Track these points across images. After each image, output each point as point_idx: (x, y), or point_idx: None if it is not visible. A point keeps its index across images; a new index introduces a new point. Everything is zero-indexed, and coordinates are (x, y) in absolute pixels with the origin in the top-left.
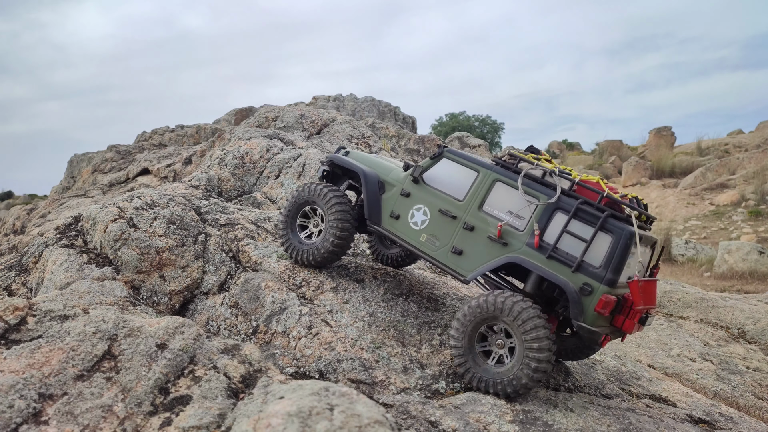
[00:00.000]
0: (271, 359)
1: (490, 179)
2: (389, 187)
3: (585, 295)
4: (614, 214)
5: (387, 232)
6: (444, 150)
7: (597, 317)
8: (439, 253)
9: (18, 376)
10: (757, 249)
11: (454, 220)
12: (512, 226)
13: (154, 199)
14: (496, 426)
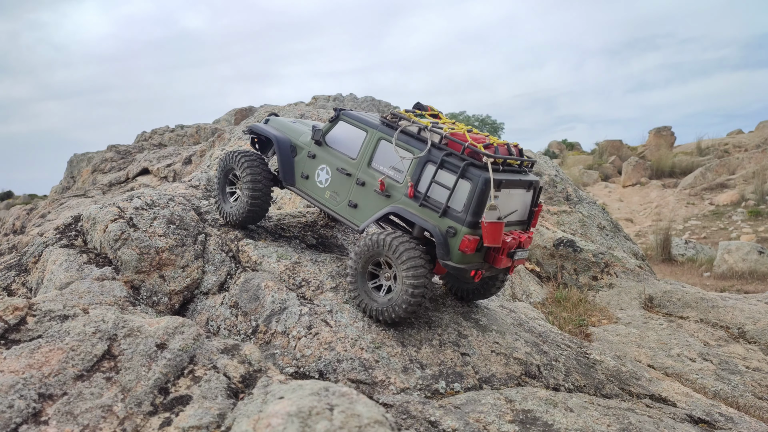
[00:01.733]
0: (271, 359)
1: (376, 138)
2: (300, 150)
3: (450, 237)
4: (474, 163)
5: (299, 192)
6: (340, 113)
7: (463, 255)
8: (340, 208)
9: (18, 376)
10: (756, 249)
11: (349, 177)
12: (393, 179)
13: (154, 199)
14: (496, 426)
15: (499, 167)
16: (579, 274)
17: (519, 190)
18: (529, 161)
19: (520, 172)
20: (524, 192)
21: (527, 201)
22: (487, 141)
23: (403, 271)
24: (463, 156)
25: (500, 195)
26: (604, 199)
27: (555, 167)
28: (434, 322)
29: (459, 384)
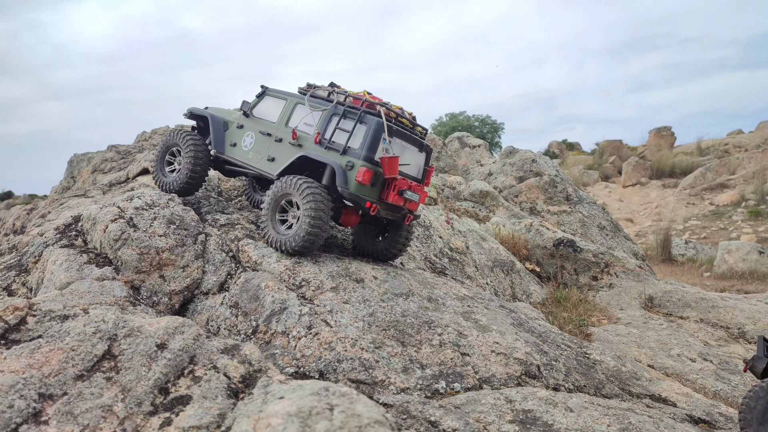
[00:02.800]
0: (271, 359)
1: (293, 103)
2: (230, 125)
3: (349, 170)
4: (369, 111)
5: (228, 157)
6: (266, 89)
7: (359, 186)
8: (260, 164)
9: (18, 376)
10: (757, 249)
11: (269, 137)
12: (304, 132)
13: (154, 199)
14: (496, 426)
15: (392, 120)
16: (579, 274)
17: (411, 146)
18: (421, 128)
19: (413, 133)
20: (417, 151)
21: (420, 161)
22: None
23: (304, 208)
24: (361, 108)
25: (393, 142)
26: (604, 199)
27: (555, 167)
28: (434, 322)
29: (459, 384)
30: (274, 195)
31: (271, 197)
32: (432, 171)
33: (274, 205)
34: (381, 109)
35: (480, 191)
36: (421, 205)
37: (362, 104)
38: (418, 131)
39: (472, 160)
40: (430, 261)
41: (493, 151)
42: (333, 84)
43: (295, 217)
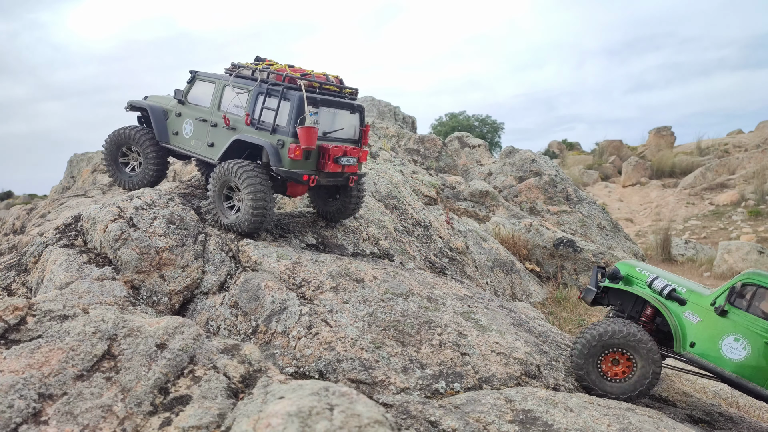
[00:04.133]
0: (271, 359)
1: (222, 86)
2: (170, 113)
3: (280, 148)
4: (291, 87)
5: (173, 146)
6: (196, 74)
7: (293, 162)
8: (202, 150)
9: (18, 376)
10: (756, 249)
11: (205, 123)
12: (235, 114)
13: (154, 199)
14: (496, 426)
15: (316, 90)
16: (579, 274)
17: (343, 111)
18: (350, 89)
19: (341, 97)
20: (349, 114)
21: (354, 122)
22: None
23: (244, 191)
24: (283, 84)
25: (321, 112)
26: (604, 199)
27: (555, 167)
28: (434, 322)
29: (459, 384)
30: (216, 182)
31: (214, 184)
32: (368, 130)
33: (219, 190)
34: (302, 82)
35: (480, 191)
36: (421, 205)
37: (284, 79)
38: (347, 93)
39: (472, 160)
40: (430, 261)
41: (493, 151)
42: (258, 58)
43: (239, 200)
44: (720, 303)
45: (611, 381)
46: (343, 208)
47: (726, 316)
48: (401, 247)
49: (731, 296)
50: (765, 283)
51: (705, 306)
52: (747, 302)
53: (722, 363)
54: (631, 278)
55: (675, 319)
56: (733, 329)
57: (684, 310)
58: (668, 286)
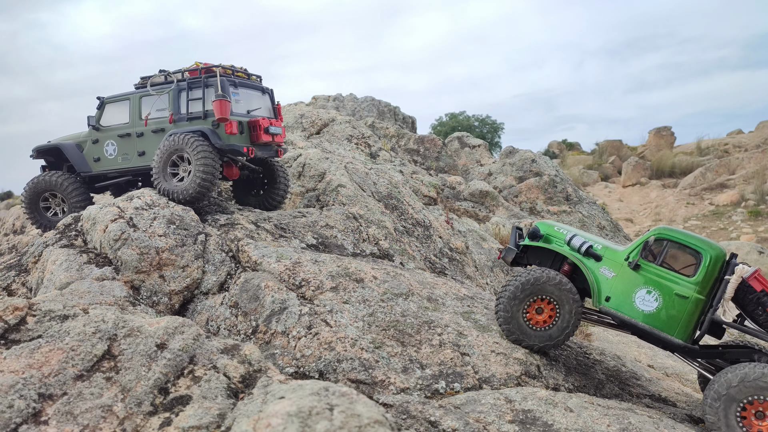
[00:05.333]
0: (271, 359)
1: (138, 98)
2: (85, 144)
3: (217, 128)
4: (210, 75)
5: (98, 172)
6: (104, 100)
7: (231, 137)
8: (133, 162)
9: (18, 376)
10: (756, 249)
11: (129, 136)
12: (160, 117)
13: (154, 199)
14: (496, 426)
15: (231, 76)
16: None
17: (255, 92)
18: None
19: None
20: (261, 94)
21: (267, 102)
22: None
23: (197, 162)
24: (201, 75)
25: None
26: (604, 199)
27: (555, 167)
28: (434, 322)
29: (459, 384)
30: (165, 150)
31: (163, 152)
32: (280, 107)
33: (167, 159)
34: (217, 69)
35: (480, 191)
36: (421, 205)
37: (200, 72)
38: (254, 79)
39: (472, 160)
40: (430, 261)
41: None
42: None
43: (186, 171)
44: (633, 258)
45: (536, 330)
46: (268, 198)
47: (639, 271)
48: (401, 247)
49: (644, 251)
50: (675, 237)
51: (619, 261)
52: (658, 256)
53: (635, 315)
54: (550, 237)
55: (591, 274)
56: (645, 282)
57: (600, 265)
58: (585, 243)
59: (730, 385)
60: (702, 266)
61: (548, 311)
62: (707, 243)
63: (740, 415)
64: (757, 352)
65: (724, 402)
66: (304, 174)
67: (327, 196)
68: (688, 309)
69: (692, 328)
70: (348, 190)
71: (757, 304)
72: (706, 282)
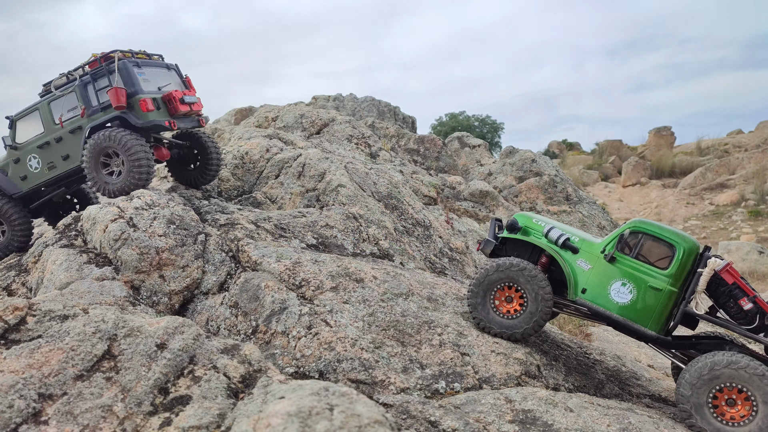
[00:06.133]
0: (271, 359)
1: (46, 105)
2: (8, 167)
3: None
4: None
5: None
6: (12, 118)
7: (149, 114)
8: (60, 167)
9: (18, 376)
10: (756, 249)
11: (49, 144)
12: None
13: (154, 199)
14: (496, 426)
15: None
16: None
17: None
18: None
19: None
20: (166, 71)
21: (175, 78)
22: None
23: (128, 157)
24: (102, 64)
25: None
26: (604, 199)
27: (555, 167)
28: (434, 322)
29: (459, 384)
30: (92, 151)
31: (90, 154)
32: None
33: (95, 159)
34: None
35: (480, 191)
36: (421, 205)
37: (100, 60)
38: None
39: (472, 160)
40: (430, 261)
41: (493, 151)
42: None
43: (118, 165)
44: (609, 250)
45: (504, 317)
46: (201, 174)
47: (614, 263)
48: (401, 247)
49: (619, 243)
50: (650, 230)
51: (596, 254)
52: (633, 249)
53: (610, 306)
54: (528, 229)
55: (568, 266)
56: (620, 275)
57: (577, 258)
58: (563, 235)
59: (702, 374)
60: (675, 259)
61: (517, 300)
62: (681, 236)
63: (712, 404)
64: (728, 342)
65: (695, 390)
66: (304, 174)
67: (327, 196)
68: (661, 301)
69: (665, 320)
70: (348, 190)
71: (729, 296)
72: (679, 274)
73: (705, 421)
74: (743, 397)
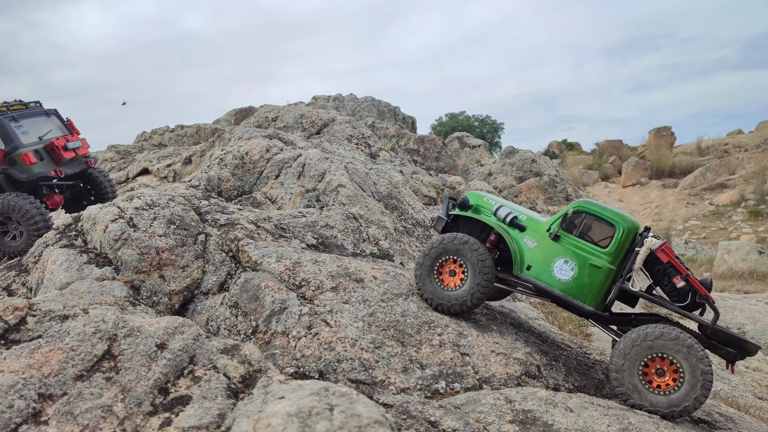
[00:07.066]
0: (271, 359)
1: None
2: None
3: (14, 165)
4: None
5: None
6: None
7: (33, 166)
8: None
9: (18, 376)
10: (756, 249)
11: None
12: None
13: (154, 199)
14: (496, 426)
15: (7, 112)
16: None
17: (39, 117)
18: (34, 103)
19: (30, 109)
20: (46, 118)
21: (56, 122)
22: None
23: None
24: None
25: (25, 124)
26: (604, 200)
27: (555, 167)
28: (434, 322)
29: (459, 384)
30: None
31: None
32: (72, 122)
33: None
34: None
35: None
36: (421, 205)
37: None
38: (33, 107)
39: (472, 160)
40: None
41: (493, 151)
42: None
43: (17, 229)
44: (554, 229)
45: (447, 290)
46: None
47: (558, 241)
48: (401, 247)
49: (564, 222)
50: (593, 210)
51: (541, 232)
52: (577, 228)
53: (553, 283)
54: (479, 207)
55: (515, 243)
56: (563, 252)
57: (524, 236)
58: (511, 213)
59: (634, 344)
60: (615, 238)
61: (460, 273)
62: (622, 216)
63: (642, 371)
64: (663, 319)
65: (627, 360)
66: (304, 174)
67: (327, 196)
68: (600, 278)
69: (603, 297)
70: (348, 190)
71: (664, 275)
72: (618, 253)
73: (634, 388)
74: (672, 369)
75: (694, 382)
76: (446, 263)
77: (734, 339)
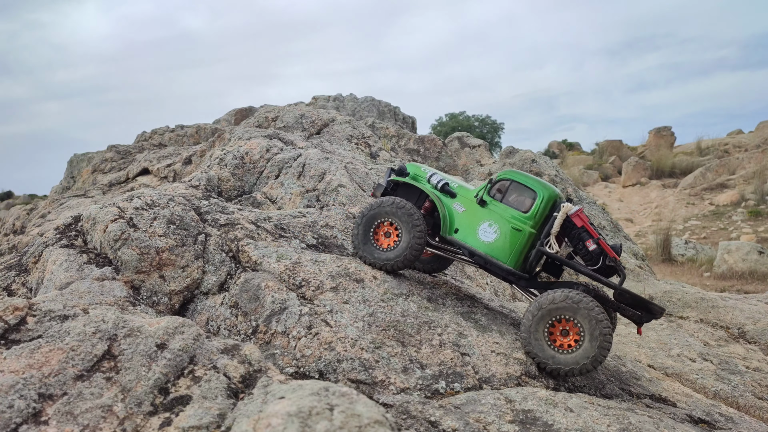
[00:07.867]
0: (271, 359)
1: None
2: None
3: None
4: None
5: None
6: None
7: None
8: None
9: (18, 376)
10: (756, 249)
11: None
12: None
13: (154, 199)
14: (496, 426)
15: None
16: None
17: None
18: None
19: None
20: None
21: None
22: None
23: None
24: None
25: None
26: (604, 199)
27: (555, 167)
28: (434, 322)
29: (459, 384)
30: None
31: None
32: None
33: None
34: None
35: None
36: None
37: None
38: None
39: (472, 160)
40: None
41: (493, 151)
42: None
43: None
44: (481, 195)
45: (381, 249)
46: None
47: (485, 207)
48: None
49: (490, 189)
50: (517, 178)
51: (470, 198)
52: (501, 194)
53: (477, 245)
54: (417, 176)
55: (445, 208)
56: (488, 217)
57: (453, 202)
58: (442, 180)
59: (542, 306)
60: (536, 204)
61: (394, 235)
62: (543, 184)
63: (548, 331)
64: (581, 285)
65: (535, 320)
66: (304, 174)
67: (327, 196)
68: (521, 240)
69: (523, 258)
70: (348, 190)
71: (578, 239)
72: (538, 218)
73: (540, 347)
74: (576, 330)
75: (593, 342)
76: (382, 225)
77: (640, 300)
